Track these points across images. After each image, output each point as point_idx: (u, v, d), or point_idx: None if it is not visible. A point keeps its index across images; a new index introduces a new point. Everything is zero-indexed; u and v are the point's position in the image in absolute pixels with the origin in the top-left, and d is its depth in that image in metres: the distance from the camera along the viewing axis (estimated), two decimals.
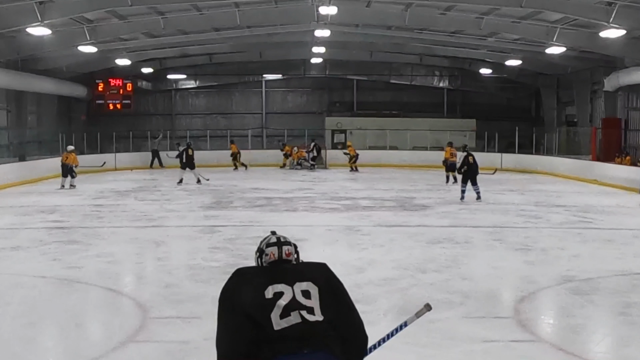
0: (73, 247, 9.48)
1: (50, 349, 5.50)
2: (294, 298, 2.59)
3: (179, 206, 14.55)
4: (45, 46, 20.87)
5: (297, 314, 2.55)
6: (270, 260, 2.77)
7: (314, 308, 2.60)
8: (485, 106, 31.96)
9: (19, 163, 21.34)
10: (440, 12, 19.93)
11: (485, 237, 10.58)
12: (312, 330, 2.54)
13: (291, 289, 2.62)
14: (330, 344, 2.53)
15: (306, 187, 18.63)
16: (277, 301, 2.57)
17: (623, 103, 23.87)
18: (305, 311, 2.57)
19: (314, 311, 2.59)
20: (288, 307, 2.56)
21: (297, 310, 2.56)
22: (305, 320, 2.55)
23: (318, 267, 2.83)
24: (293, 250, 2.81)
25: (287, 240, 2.84)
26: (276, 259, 2.77)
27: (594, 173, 21.02)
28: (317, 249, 9.73)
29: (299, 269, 2.77)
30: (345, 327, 2.66)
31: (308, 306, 2.59)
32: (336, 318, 2.64)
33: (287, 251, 2.79)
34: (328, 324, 2.58)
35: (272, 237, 2.85)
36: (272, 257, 2.77)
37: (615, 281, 7.63)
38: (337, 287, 2.77)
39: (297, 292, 2.61)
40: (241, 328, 2.54)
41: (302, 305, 2.58)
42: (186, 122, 32.62)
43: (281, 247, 2.79)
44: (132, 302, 6.61)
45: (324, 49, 27.02)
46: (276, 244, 2.80)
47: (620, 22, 16.50)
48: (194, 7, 19.11)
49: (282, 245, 2.80)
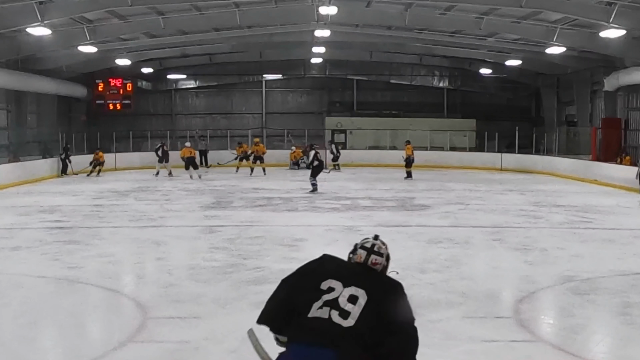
0: (73, 247, 9.48)
1: (50, 349, 5.50)
2: (337, 298, 2.71)
3: (179, 206, 14.55)
4: (45, 46, 20.87)
5: (328, 311, 2.68)
6: (357, 261, 2.91)
7: (351, 314, 2.67)
8: (485, 106, 31.96)
9: (19, 163, 21.33)
10: (440, 12, 19.94)
11: (485, 237, 10.58)
12: (332, 331, 2.64)
13: (342, 290, 2.73)
14: (342, 347, 2.59)
15: (306, 187, 18.62)
16: (324, 294, 2.72)
17: (623, 103, 23.87)
18: (337, 312, 2.67)
19: (349, 316, 2.67)
20: (327, 302, 2.70)
21: (331, 308, 2.68)
22: (331, 319, 2.66)
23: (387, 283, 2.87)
24: (382, 262, 2.91)
25: (380, 251, 2.93)
26: (361, 262, 2.89)
27: (594, 173, 21.02)
28: (317, 249, 9.69)
29: (367, 277, 2.83)
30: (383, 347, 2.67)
31: (345, 309, 2.68)
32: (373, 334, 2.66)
33: (374, 260, 2.90)
34: (354, 332, 2.63)
35: (369, 242, 2.97)
36: (359, 258, 2.91)
37: (615, 281, 7.63)
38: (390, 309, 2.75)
39: (346, 294, 2.71)
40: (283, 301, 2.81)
41: (338, 307, 2.68)
42: (186, 122, 32.61)
43: (370, 255, 2.91)
44: (132, 302, 6.61)
45: (324, 49, 27.02)
46: (368, 250, 2.92)
47: (620, 22, 16.51)
48: (194, 7, 19.12)
49: (372, 253, 2.91)
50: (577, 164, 23.03)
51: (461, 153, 29.35)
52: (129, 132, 27.90)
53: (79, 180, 21.11)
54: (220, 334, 5.54)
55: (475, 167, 26.73)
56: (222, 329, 5.67)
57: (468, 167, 26.63)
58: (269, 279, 7.55)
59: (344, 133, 30.83)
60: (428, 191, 18.03)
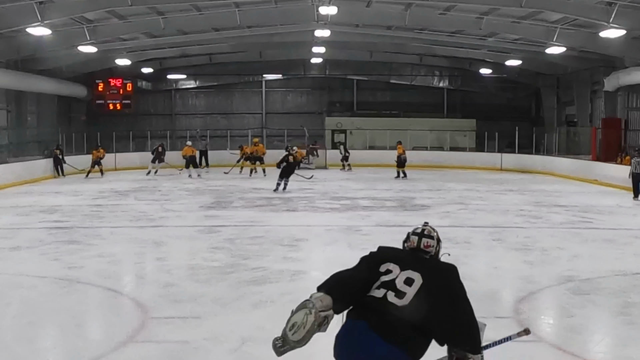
0: (73, 247, 9.48)
1: (50, 349, 5.49)
2: (394, 280, 2.94)
3: (179, 206, 14.54)
4: (45, 46, 20.88)
5: (384, 291, 2.91)
6: (410, 247, 3.17)
7: (406, 294, 2.89)
8: (485, 106, 31.96)
9: (19, 163, 21.33)
10: (440, 12, 19.94)
11: (485, 237, 10.58)
12: (384, 309, 2.87)
13: (399, 272, 2.96)
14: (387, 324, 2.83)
15: (306, 187, 18.62)
16: (382, 276, 2.98)
17: (623, 103, 23.88)
18: (394, 293, 2.90)
19: (404, 297, 2.89)
20: (385, 283, 2.95)
21: (388, 289, 2.92)
22: (385, 298, 2.90)
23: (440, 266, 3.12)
24: (433, 244, 3.17)
25: (431, 234, 3.20)
26: (414, 247, 3.15)
27: (594, 173, 21.02)
28: (317, 249, 9.75)
29: (422, 261, 3.08)
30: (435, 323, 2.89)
31: (401, 291, 2.90)
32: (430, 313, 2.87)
33: (426, 243, 3.16)
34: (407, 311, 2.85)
35: (420, 228, 3.24)
36: (412, 244, 3.18)
37: (615, 281, 7.63)
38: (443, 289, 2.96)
39: (402, 277, 2.95)
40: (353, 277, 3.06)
41: (395, 288, 2.92)
42: (186, 122, 32.62)
43: (421, 239, 3.17)
44: (132, 302, 6.61)
45: (324, 49, 27.02)
46: (419, 235, 3.19)
47: (620, 22, 16.51)
48: (194, 7, 19.13)
49: (423, 237, 3.18)
50: (577, 164, 23.03)
51: (461, 153, 29.35)
52: (129, 132, 27.90)
53: (74, 180, 21.06)
54: (220, 334, 5.54)
55: (475, 167, 26.73)
56: (222, 329, 5.67)
57: (468, 167, 26.63)
58: (269, 279, 7.56)
59: (344, 133, 30.83)
60: (428, 191, 18.03)
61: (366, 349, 2.82)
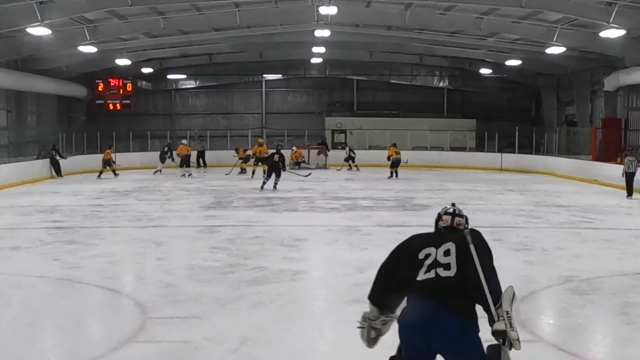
0: (73, 247, 9.48)
1: (50, 349, 5.49)
2: (435, 258, 3.37)
3: (179, 206, 14.54)
4: (45, 46, 20.89)
5: (434, 271, 3.34)
6: (444, 225, 3.59)
7: (450, 264, 3.34)
8: (485, 106, 31.98)
9: (19, 163, 21.32)
10: (440, 12, 19.94)
11: (485, 237, 10.54)
12: (440, 284, 3.30)
13: (436, 251, 3.38)
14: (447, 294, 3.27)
15: (306, 187, 18.62)
16: (425, 261, 3.38)
17: (623, 103, 23.88)
18: (441, 268, 3.34)
19: (450, 266, 3.33)
20: (430, 265, 3.36)
21: (435, 268, 3.34)
22: (438, 275, 3.32)
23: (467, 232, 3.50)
24: (463, 222, 3.60)
25: (460, 213, 3.64)
26: (448, 225, 3.57)
27: (594, 173, 21.01)
28: (317, 249, 9.74)
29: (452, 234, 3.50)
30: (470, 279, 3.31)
31: (445, 263, 3.34)
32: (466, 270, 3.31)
33: (457, 221, 3.59)
34: (457, 278, 3.31)
35: (450, 208, 3.66)
36: (446, 222, 3.59)
37: (615, 281, 7.63)
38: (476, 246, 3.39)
39: (440, 252, 3.37)
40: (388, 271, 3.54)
41: (440, 264, 3.35)
42: (186, 122, 32.61)
43: (454, 217, 3.60)
44: (132, 302, 6.61)
45: (324, 49, 27.02)
46: (451, 214, 3.62)
47: (620, 22, 16.51)
48: (194, 7, 19.12)
49: (456, 216, 3.61)
50: (577, 164, 23.02)
51: (461, 153, 29.35)
52: (129, 132, 27.89)
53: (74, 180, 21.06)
54: (220, 334, 5.55)
55: (475, 167, 26.73)
56: (222, 329, 5.68)
57: (468, 167, 26.63)
58: (269, 279, 7.56)
59: (344, 133, 30.83)
60: (428, 191, 18.03)
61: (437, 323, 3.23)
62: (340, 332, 5.83)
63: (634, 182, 16.41)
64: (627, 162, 16.45)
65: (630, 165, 16.31)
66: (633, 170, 16.35)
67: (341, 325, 5.99)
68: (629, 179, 16.36)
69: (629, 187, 16.36)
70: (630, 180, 16.35)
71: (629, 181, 16.38)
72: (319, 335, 5.78)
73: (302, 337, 5.64)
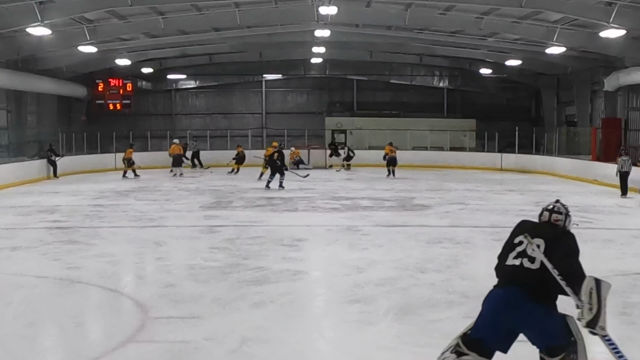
0: (73, 247, 9.48)
1: (50, 349, 5.50)
2: (525, 249, 3.78)
3: (179, 206, 14.55)
4: (45, 46, 20.88)
5: (520, 259, 3.77)
6: (543, 219, 3.99)
7: (536, 258, 3.72)
8: (485, 106, 31.98)
9: (19, 163, 21.32)
10: (440, 12, 19.94)
11: (485, 237, 10.58)
12: (521, 273, 3.73)
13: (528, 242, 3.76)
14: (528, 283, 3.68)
15: (306, 187, 18.63)
16: (517, 247, 3.83)
17: (623, 103, 23.87)
18: (526, 259, 3.75)
19: (535, 261, 3.72)
20: (519, 253, 3.80)
21: (522, 257, 3.77)
22: (522, 265, 3.75)
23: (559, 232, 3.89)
24: (562, 219, 3.95)
25: (559, 211, 3.98)
26: (547, 220, 3.97)
27: (594, 173, 21.02)
28: (317, 249, 9.74)
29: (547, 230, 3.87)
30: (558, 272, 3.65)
31: (531, 256, 3.74)
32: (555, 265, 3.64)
33: (555, 218, 3.97)
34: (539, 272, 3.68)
35: (551, 205, 4.03)
36: (545, 218, 3.99)
37: (615, 281, 7.54)
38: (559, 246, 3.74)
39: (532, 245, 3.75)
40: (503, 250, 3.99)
41: (526, 254, 3.76)
42: (186, 122, 32.63)
43: (551, 214, 3.98)
44: (132, 302, 6.61)
45: (324, 49, 27.02)
46: (550, 211, 3.99)
47: (620, 22, 16.51)
48: (194, 7, 19.12)
49: (553, 213, 3.98)
50: (577, 164, 23.03)
51: (461, 153, 29.36)
52: (129, 132, 27.87)
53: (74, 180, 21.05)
54: (220, 334, 5.55)
55: (475, 167, 26.74)
56: (222, 329, 5.67)
57: (468, 167, 26.64)
58: (269, 279, 7.57)
59: (344, 133, 30.83)
60: (428, 191, 18.03)
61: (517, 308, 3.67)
62: (340, 332, 5.84)
63: (628, 181, 16.57)
64: (621, 162, 16.72)
65: (624, 164, 16.60)
66: (627, 170, 16.62)
67: (341, 325, 6.00)
68: (623, 178, 16.60)
69: (623, 186, 16.59)
70: (624, 180, 16.58)
71: (623, 180, 16.62)
72: (319, 335, 5.78)
73: (302, 337, 5.63)
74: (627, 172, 16.59)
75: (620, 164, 16.68)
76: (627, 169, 16.60)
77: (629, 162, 16.70)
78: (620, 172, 16.66)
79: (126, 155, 22.80)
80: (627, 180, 16.60)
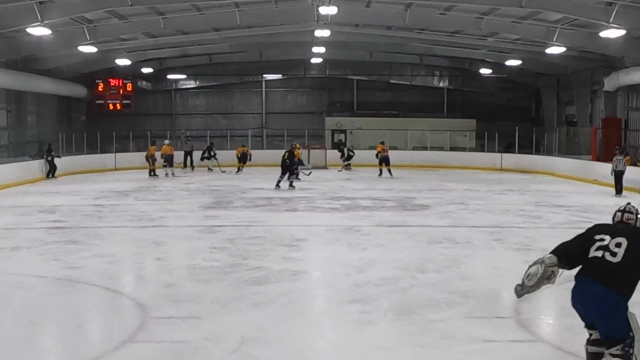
0: (73, 247, 9.48)
1: (50, 349, 5.50)
2: (607, 245, 4.12)
3: (179, 206, 14.54)
4: (45, 46, 20.88)
5: (602, 252, 4.10)
6: (616, 220, 4.42)
7: (617, 254, 4.05)
8: (485, 106, 31.98)
9: (19, 163, 21.31)
10: (440, 12, 19.94)
11: (485, 237, 10.57)
12: (603, 266, 4.06)
13: (610, 239, 4.13)
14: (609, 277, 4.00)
15: (306, 187, 18.63)
16: (597, 242, 4.17)
17: (623, 103, 23.87)
18: (608, 253, 4.08)
19: (616, 255, 4.05)
20: (601, 247, 4.14)
21: (604, 251, 4.10)
22: (604, 257, 4.08)
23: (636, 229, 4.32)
24: (633, 218, 4.39)
25: (631, 211, 4.41)
26: (619, 220, 4.40)
27: (594, 173, 21.00)
28: (317, 249, 9.74)
29: (626, 230, 4.24)
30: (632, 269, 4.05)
31: (613, 251, 4.07)
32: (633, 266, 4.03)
33: (627, 217, 4.39)
34: (619, 266, 4.01)
35: (623, 206, 4.48)
36: (617, 218, 4.43)
37: None
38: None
39: (613, 242, 4.11)
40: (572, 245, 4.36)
41: (609, 249, 4.09)
42: (186, 122, 32.62)
43: (623, 214, 4.41)
44: (132, 302, 6.61)
45: (324, 49, 27.02)
46: (622, 211, 4.43)
47: (620, 22, 16.51)
48: (194, 7, 19.12)
49: (625, 212, 4.41)
50: (577, 164, 23.02)
51: (461, 153, 29.35)
52: (129, 132, 27.88)
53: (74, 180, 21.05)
54: (220, 334, 5.55)
55: (475, 167, 26.72)
56: (222, 329, 5.68)
57: (468, 167, 26.63)
58: (269, 279, 7.57)
59: (344, 133, 30.84)
60: (428, 191, 18.03)
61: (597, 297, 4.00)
62: (340, 332, 5.84)
63: (628, 181, 16.61)
64: (616, 161, 16.81)
65: (619, 163, 16.69)
66: (622, 169, 16.70)
67: (341, 325, 6.00)
68: (618, 177, 16.66)
69: (617, 186, 16.66)
70: (619, 179, 16.65)
71: (617, 179, 16.68)
72: (319, 335, 5.78)
73: (302, 337, 5.64)
74: (621, 171, 16.66)
75: (615, 163, 16.76)
76: (622, 168, 16.68)
77: (623, 161, 16.80)
78: (615, 171, 16.73)
79: (148, 153, 22.78)
80: (622, 180, 16.66)
